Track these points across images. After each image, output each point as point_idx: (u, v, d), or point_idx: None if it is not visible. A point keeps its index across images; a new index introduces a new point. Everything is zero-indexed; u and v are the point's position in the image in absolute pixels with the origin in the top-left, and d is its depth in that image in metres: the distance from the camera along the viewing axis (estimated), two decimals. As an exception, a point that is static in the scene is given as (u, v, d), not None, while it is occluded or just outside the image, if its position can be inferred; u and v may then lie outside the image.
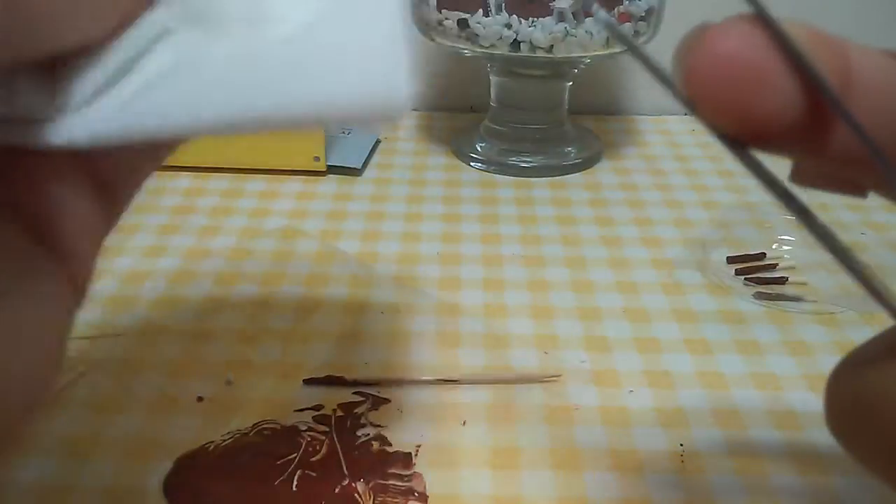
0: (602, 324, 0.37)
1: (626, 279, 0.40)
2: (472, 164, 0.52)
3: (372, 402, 0.31)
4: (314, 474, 0.28)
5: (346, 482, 0.28)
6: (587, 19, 0.45)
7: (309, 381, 0.32)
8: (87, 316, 0.36)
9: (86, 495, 0.27)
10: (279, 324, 0.36)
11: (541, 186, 0.50)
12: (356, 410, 0.31)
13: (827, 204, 0.48)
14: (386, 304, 0.38)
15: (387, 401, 0.32)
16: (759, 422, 0.31)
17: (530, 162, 0.52)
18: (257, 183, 0.49)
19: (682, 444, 0.30)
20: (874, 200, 0.53)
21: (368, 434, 0.30)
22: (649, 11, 0.47)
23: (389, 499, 0.27)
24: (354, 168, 0.51)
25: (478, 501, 0.27)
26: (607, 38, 0.46)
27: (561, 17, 0.45)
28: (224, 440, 0.29)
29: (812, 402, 0.32)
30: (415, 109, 0.63)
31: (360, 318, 0.37)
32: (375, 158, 0.53)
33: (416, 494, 0.27)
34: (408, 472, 0.28)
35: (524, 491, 0.28)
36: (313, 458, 0.29)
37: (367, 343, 0.35)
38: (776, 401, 0.32)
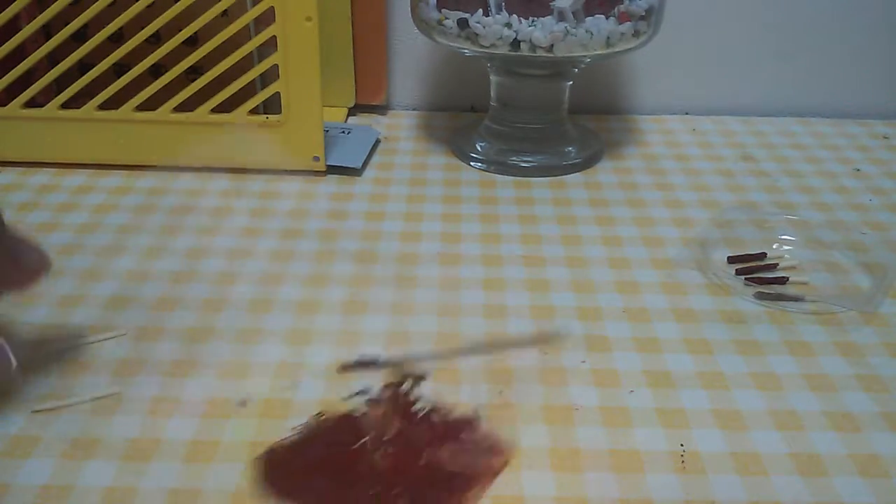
0: (602, 323, 0.37)
1: (627, 279, 0.40)
2: (472, 163, 0.52)
3: (414, 379, 0.32)
4: (392, 450, 0.29)
5: (426, 453, 0.29)
6: (587, 18, 0.45)
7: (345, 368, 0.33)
8: (88, 316, 0.36)
9: (86, 495, 0.27)
10: (279, 324, 0.36)
11: (541, 186, 0.50)
12: (401, 389, 0.32)
13: (827, 203, 0.48)
14: (386, 303, 0.38)
15: (422, 378, 0.33)
16: (759, 422, 0.31)
17: (530, 162, 0.52)
18: (257, 183, 0.49)
19: (682, 444, 0.30)
20: (874, 200, 0.53)
21: (424, 408, 0.31)
22: (649, 11, 0.47)
23: (469, 459, 0.28)
24: (354, 168, 0.51)
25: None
26: (607, 38, 0.46)
27: (561, 17, 0.45)
28: (289, 437, 0.30)
29: (812, 401, 0.32)
30: (415, 109, 0.63)
31: (360, 318, 0.37)
32: (375, 158, 0.53)
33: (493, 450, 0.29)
34: (478, 434, 0.30)
35: (524, 491, 0.28)
36: (385, 438, 0.29)
37: (366, 343, 0.35)
38: (776, 401, 0.32)
